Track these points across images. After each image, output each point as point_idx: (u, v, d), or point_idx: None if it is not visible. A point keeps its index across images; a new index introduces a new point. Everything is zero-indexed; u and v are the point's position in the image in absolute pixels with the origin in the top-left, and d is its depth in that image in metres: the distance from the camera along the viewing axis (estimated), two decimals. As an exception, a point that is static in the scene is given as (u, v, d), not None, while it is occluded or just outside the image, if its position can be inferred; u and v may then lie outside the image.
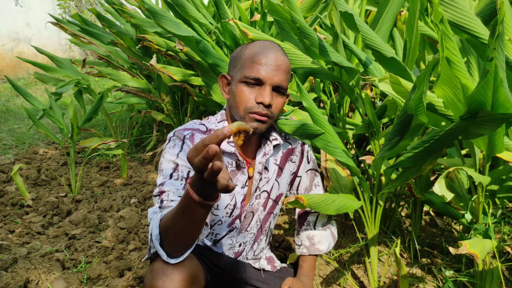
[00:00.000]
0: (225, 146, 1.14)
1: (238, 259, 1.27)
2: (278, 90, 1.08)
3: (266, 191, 1.25)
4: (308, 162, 1.36)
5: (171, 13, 2.45)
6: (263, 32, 2.10)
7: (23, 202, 2.37)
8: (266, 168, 1.23)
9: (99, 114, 3.93)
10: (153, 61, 2.19)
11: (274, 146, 1.24)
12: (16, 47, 7.42)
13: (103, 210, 2.29)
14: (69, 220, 2.16)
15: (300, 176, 1.35)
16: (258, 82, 1.06)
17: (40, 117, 2.78)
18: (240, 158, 1.15)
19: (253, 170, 1.20)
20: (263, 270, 1.32)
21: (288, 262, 1.48)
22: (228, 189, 0.70)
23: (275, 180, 1.27)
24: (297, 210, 1.46)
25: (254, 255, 1.30)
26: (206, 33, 2.22)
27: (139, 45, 2.44)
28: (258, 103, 1.05)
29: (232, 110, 1.12)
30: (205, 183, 0.72)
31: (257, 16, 2.19)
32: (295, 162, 1.32)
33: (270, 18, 2.26)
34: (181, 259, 0.91)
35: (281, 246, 1.87)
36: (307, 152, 1.35)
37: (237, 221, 1.21)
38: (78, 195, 2.48)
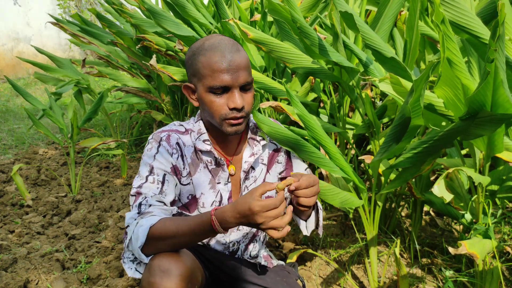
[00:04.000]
0: (201, 145, 1.15)
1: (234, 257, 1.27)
2: (245, 87, 1.08)
3: None
4: (303, 161, 1.35)
5: (171, 13, 2.44)
6: (263, 32, 2.10)
7: (23, 202, 2.37)
8: (252, 168, 1.23)
9: (99, 114, 3.91)
10: (153, 61, 2.19)
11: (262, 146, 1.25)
12: (16, 47, 7.41)
13: (103, 210, 2.29)
14: (69, 220, 2.16)
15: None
16: (224, 89, 1.06)
17: (40, 117, 2.78)
18: (217, 155, 1.16)
19: (234, 168, 1.21)
20: (259, 264, 1.32)
21: (288, 261, 1.48)
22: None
23: (263, 180, 1.27)
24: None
25: (250, 256, 1.31)
26: (206, 33, 2.22)
27: (139, 45, 2.44)
28: (231, 109, 1.06)
29: (207, 117, 1.13)
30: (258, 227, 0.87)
31: (257, 16, 2.19)
32: (281, 163, 1.31)
33: (270, 18, 2.26)
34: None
35: (281, 246, 1.87)
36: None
37: None
38: (78, 195, 2.48)
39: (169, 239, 0.93)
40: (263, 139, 1.25)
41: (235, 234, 1.24)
